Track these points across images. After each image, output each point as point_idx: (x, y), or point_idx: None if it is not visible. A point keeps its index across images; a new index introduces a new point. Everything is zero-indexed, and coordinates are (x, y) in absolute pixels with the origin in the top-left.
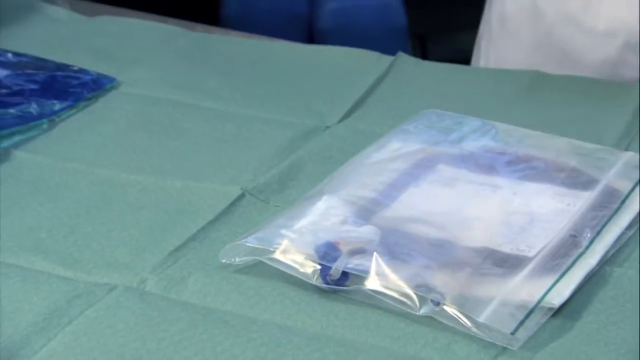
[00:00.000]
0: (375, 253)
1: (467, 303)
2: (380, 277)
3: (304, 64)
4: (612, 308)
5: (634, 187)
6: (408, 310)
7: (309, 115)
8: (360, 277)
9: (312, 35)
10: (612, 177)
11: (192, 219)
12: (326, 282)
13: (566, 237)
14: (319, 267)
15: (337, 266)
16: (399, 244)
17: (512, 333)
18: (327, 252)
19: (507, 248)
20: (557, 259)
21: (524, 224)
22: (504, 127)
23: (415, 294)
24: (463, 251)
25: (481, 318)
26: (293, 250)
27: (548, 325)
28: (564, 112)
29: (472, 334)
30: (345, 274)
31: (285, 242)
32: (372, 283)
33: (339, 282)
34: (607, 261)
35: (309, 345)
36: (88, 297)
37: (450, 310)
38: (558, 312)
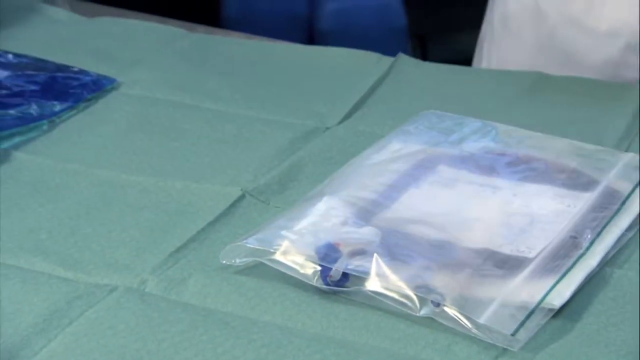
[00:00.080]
0: (375, 254)
1: (468, 304)
2: (381, 278)
3: (304, 65)
4: (613, 309)
5: (634, 188)
6: (408, 311)
7: (309, 116)
8: (360, 278)
9: (312, 36)
10: (613, 178)
11: (192, 220)
12: (326, 283)
13: (566, 238)
14: (319, 268)
15: (338, 267)
16: (399, 245)
17: (513, 334)
18: (328, 253)
19: (508, 249)
20: (558, 260)
21: (524, 225)
22: (504, 128)
23: (415, 295)
24: (463, 252)
25: (481, 319)
26: (293, 252)
27: (548, 327)
28: (564, 113)
29: (473, 335)
30: (345, 275)
31: (285, 243)
32: (372, 284)
33: (339, 283)
34: (607, 262)
35: (309, 347)
36: (88, 298)
37: (451, 311)
38: (558, 313)
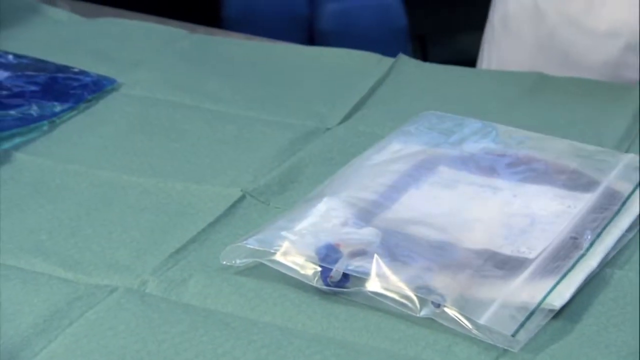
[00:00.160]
0: (375, 255)
1: (468, 305)
2: (381, 279)
3: (304, 66)
4: (613, 310)
5: (634, 189)
6: (409, 312)
7: (310, 116)
8: (360, 279)
9: (313, 36)
10: (613, 179)
11: (192, 221)
12: (327, 284)
13: (567, 239)
14: (319, 269)
15: (338, 268)
16: (400, 246)
17: (513, 335)
18: (328, 254)
19: (508, 250)
20: (558, 261)
21: (524, 226)
22: (504, 129)
23: (415, 295)
24: (463, 253)
25: (482, 320)
26: (294, 252)
27: (549, 327)
28: (565, 114)
29: (473, 335)
30: (345, 276)
31: (285, 244)
32: (372, 285)
33: (339, 284)
34: (607, 263)
35: (309, 347)
36: (88, 299)
37: (451, 312)
38: (559, 314)
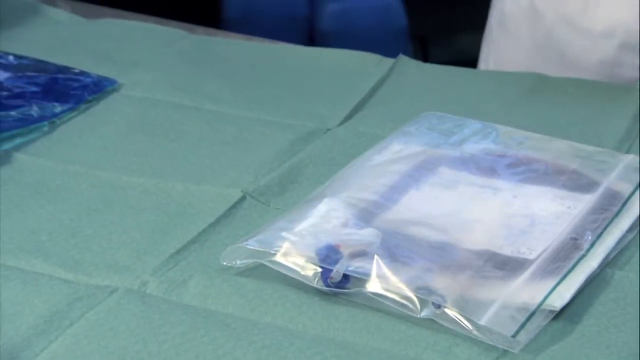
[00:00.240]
0: (376, 256)
1: (468, 306)
2: (381, 280)
3: (304, 66)
4: (613, 311)
5: (634, 189)
6: (409, 312)
7: (310, 117)
8: (361, 279)
9: (313, 37)
10: (613, 179)
11: (192, 222)
12: (327, 285)
13: (567, 240)
14: (319, 269)
15: (338, 269)
16: (400, 247)
17: (513, 336)
18: (328, 255)
19: (508, 250)
20: (558, 262)
21: (524, 227)
22: (504, 130)
23: (416, 296)
24: (464, 254)
25: (482, 321)
26: (294, 253)
27: (549, 328)
28: (565, 115)
29: (473, 336)
30: (346, 277)
31: (286, 245)
32: (373, 286)
33: (339, 285)
34: (608, 264)
35: (310, 348)
36: (89, 300)
37: (451, 312)
38: (559, 314)
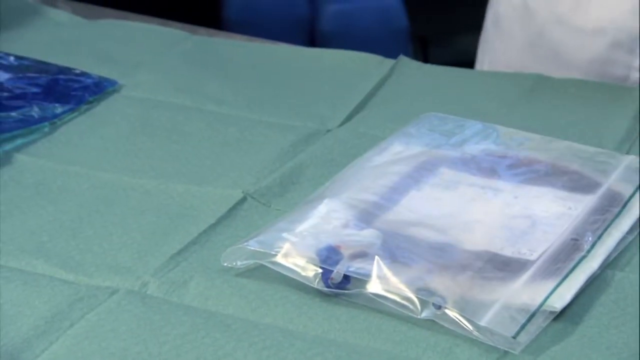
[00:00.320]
0: (376, 256)
1: (469, 306)
2: (382, 281)
3: (305, 67)
4: (614, 312)
5: (635, 190)
6: (409, 313)
7: (311, 118)
8: (361, 280)
9: (314, 38)
10: (614, 180)
11: (193, 223)
12: (328, 286)
13: (567, 241)
14: (320, 270)
15: (339, 270)
16: (401, 248)
17: (514, 337)
18: (329, 256)
19: (509, 251)
20: (559, 263)
21: (525, 228)
22: (505, 131)
23: (416, 297)
24: (464, 254)
25: (483, 322)
26: (294, 254)
27: (550, 329)
28: (565, 116)
29: (474, 337)
30: (346, 278)
31: (286, 246)
32: (373, 286)
33: (340, 286)
34: (608, 265)
35: (310, 349)
36: (90, 301)
37: (452, 313)
38: (559, 315)
